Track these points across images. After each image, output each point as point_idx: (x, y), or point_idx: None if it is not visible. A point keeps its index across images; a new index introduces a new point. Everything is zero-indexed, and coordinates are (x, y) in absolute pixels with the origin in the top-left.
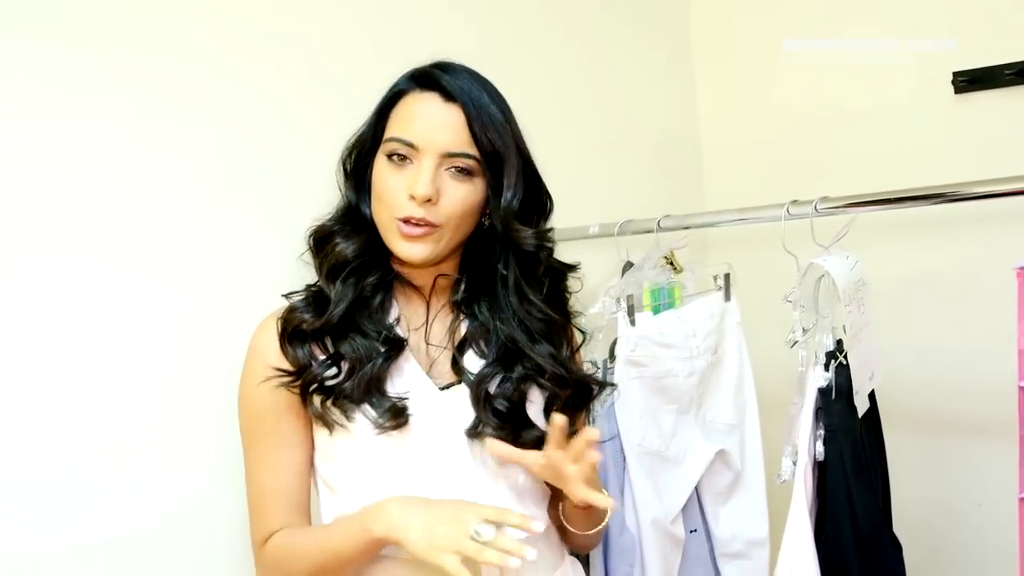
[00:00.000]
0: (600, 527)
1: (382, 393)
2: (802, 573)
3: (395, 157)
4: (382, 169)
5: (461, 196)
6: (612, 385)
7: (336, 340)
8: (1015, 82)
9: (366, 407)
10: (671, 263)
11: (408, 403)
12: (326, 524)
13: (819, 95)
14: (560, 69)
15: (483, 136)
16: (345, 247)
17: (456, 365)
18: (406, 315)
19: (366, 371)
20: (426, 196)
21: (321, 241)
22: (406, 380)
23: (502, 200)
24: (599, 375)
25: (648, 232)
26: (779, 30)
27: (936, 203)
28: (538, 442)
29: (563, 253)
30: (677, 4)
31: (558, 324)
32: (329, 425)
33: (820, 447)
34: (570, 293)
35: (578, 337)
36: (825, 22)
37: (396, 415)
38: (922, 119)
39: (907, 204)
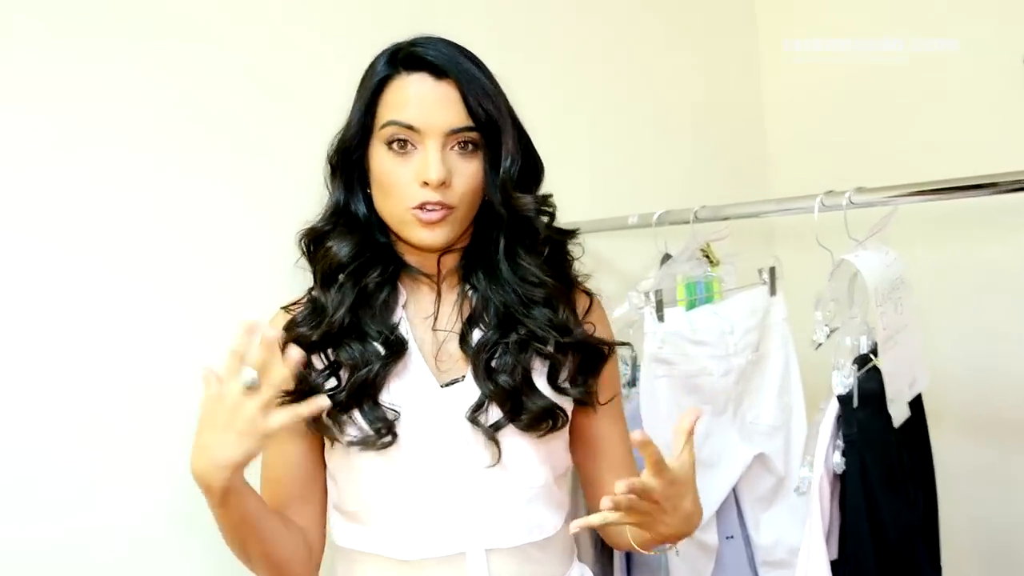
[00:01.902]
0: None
1: (375, 402)
2: None
3: (396, 144)
4: (384, 159)
5: (470, 173)
6: (625, 344)
7: (335, 348)
8: None
9: (356, 416)
10: (707, 256)
11: (401, 412)
12: None
13: (886, 77)
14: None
15: (479, 108)
16: (339, 249)
17: (464, 342)
18: (414, 305)
19: (359, 377)
20: (441, 179)
21: (313, 245)
22: (409, 380)
23: (501, 170)
24: (628, 374)
25: (686, 223)
26: (844, 14)
27: (981, 194)
28: (545, 412)
29: (601, 244)
30: None
31: (559, 290)
32: (327, 435)
33: (838, 458)
34: (572, 259)
35: (584, 301)
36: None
37: (383, 432)
38: (993, 102)
39: (948, 196)
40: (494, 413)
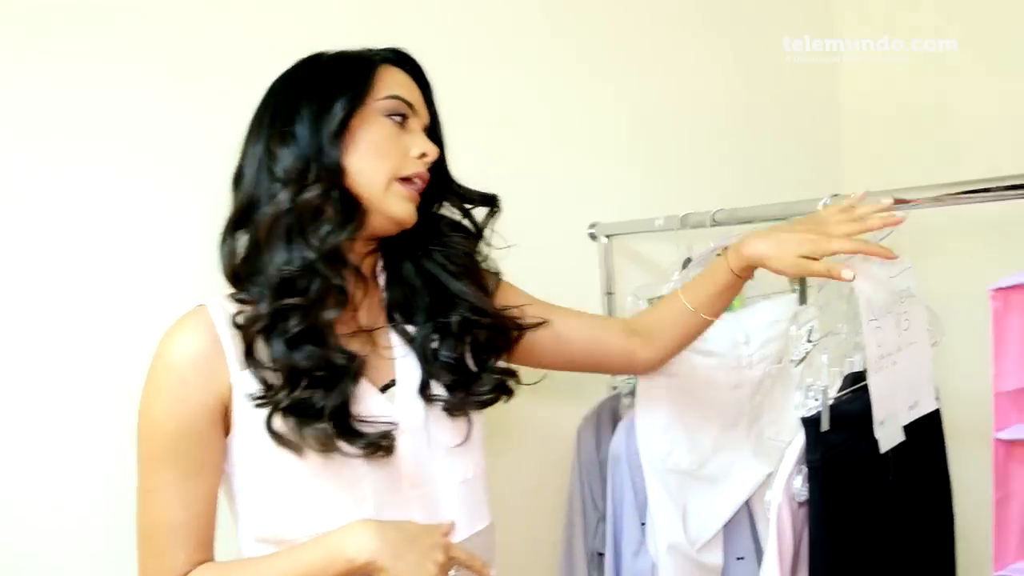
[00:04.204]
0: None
1: (351, 416)
2: None
3: (396, 116)
4: (385, 126)
5: (438, 155)
6: (535, 326)
7: (295, 351)
8: None
9: (332, 429)
10: None
11: (390, 428)
12: (275, 554)
13: (965, 82)
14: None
15: (436, 115)
16: (338, 231)
17: (402, 333)
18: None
19: (335, 399)
20: (437, 154)
21: (298, 222)
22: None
23: (446, 169)
24: (632, 382)
25: (703, 227)
26: (922, 16)
27: (995, 199)
28: (496, 387)
29: (639, 245)
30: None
31: (477, 272)
32: (295, 447)
33: (799, 484)
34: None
35: (493, 281)
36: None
37: (378, 446)
38: None
39: (967, 199)
40: (443, 393)
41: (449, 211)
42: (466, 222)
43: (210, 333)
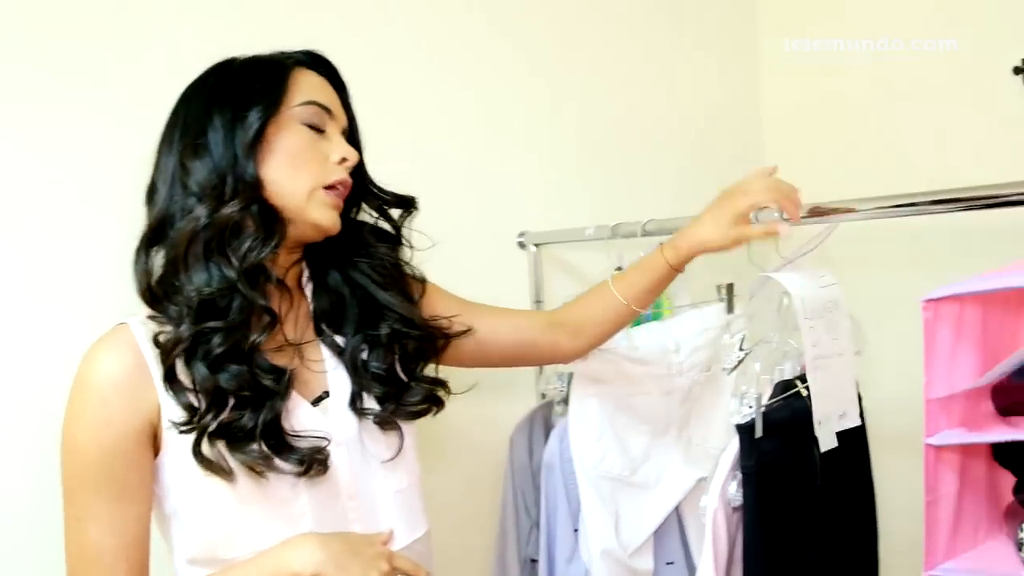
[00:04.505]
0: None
1: (284, 435)
2: None
3: (313, 122)
4: (303, 134)
5: (358, 160)
6: (461, 334)
7: (218, 373)
8: None
9: (265, 450)
10: None
11: (322, 443)
12: (216, 573)
13: (886, 90)
14: (609, 58)
15: (353, 116)
16: (260, 247)
17: (331, 345)
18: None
19: (265, 415)
20: (357, 159)
21: (218, 239)
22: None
23: (365, 171)
24: (563, 391)
25: (634, 236)
26: (845, 26)
27: (928, 212)
28: (427, 397)
29: (567, 255)
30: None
31: (403, 280)
32: (225, 473)
33: (734, 490)
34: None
35: (418, 287)
36: (888, 18)
37: (312, 463)
38: (989, 112)
39: (896, 213)
40: (374, 406)
41: (368, 213)
42: (385, 224)
43: (133, 352)
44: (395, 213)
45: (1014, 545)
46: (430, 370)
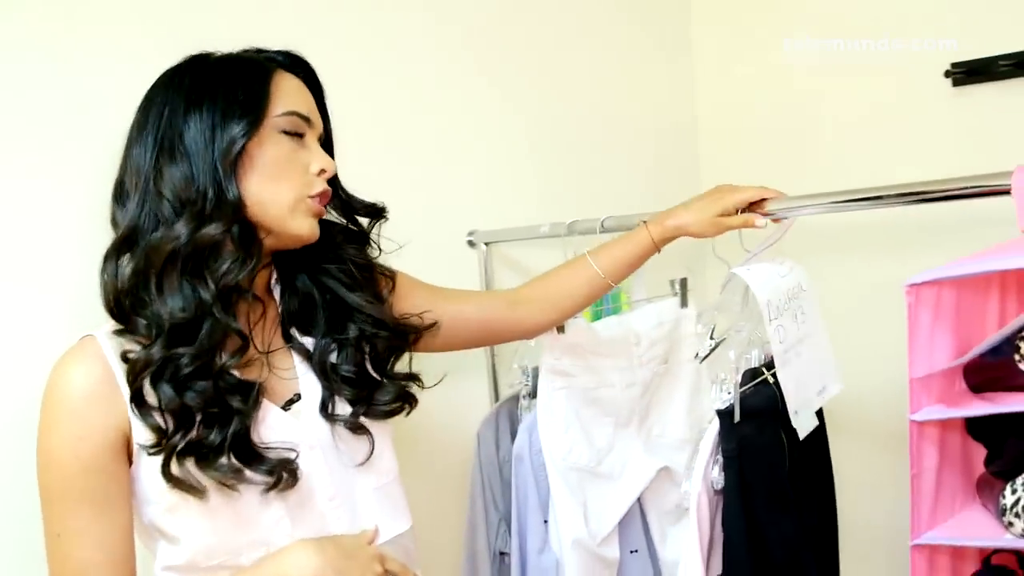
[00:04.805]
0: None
1: (252, 445)
2: None
3: (293, 134)
4: (284, 145)
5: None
6: (430, 327)
7: (185, 392)
8: (1012, 74)
9: (232, 464)
10: None
11: (290, 455)
12: None
13: (818, 91)
14: (549, 63)
15: (328, 117)
16: (239, 268)
17: (299, 349)
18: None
19: (233, 427)
20: (335, 170)
21: (195, 259)
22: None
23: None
24: (529, 384)
25: (592, 233)
26: (778, 29)
27: (877, 206)
28: (400, 395)
29: (533, 252)
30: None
31: (372, 279)
32: (197, 491)
33: (717, 473)
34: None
35: (387, 283)
36: (824, 21)
37: (281, 475)
38: (920, 113)
39: (846, 207)
40: (346, 409)
41: (335, 217)
42: (351, 227)
43: (102, 365)
44: (364, 221)
45: (993, 512)
46: (403, 362)
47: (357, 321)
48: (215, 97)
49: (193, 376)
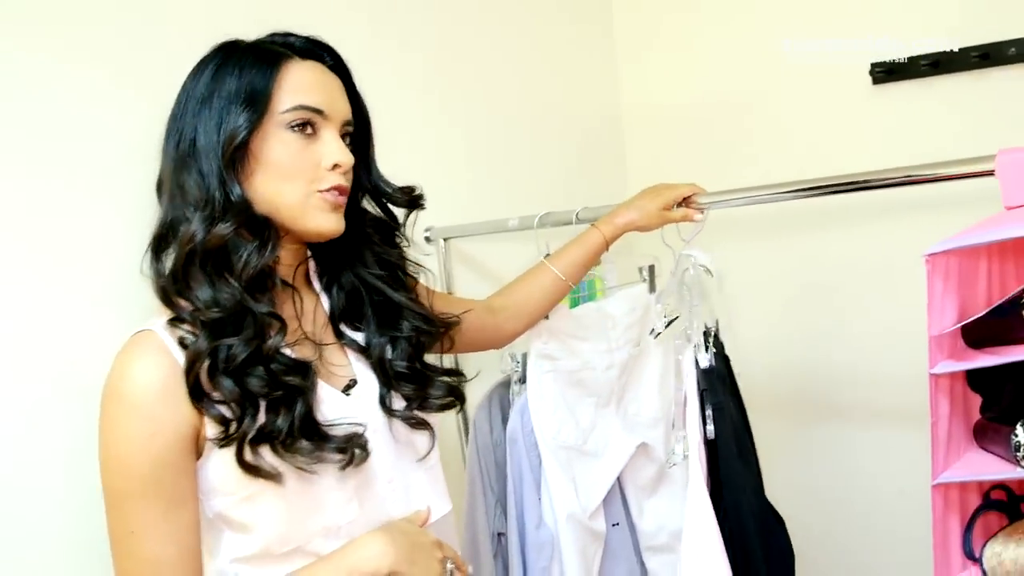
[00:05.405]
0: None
1: (319, 425)
2: (707, 548)
3: (301, 128)
4: (289, 143)
5: (353, 164)
6: (455, 323)
7: (245, 379)
8: (929, 72)
9: (309, 446)
10: None
11: (358, 429)
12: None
13: (741, 86)
14: (482, 59)
15: (360, 103)
16: (258, 256)
17: (351, 344)
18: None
19: (299, 410)
20: (352, 163)
21: (215, 255)
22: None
23: (372, 162)
24: (520, 370)
25: (567, 224)
26: (699, 23)
27: (794, 197)
28: (450, 391)
29: (485, 247)
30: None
31: (407, 277)
32: (274, 476)
33: (711, 426)
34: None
35: (420, 275)
36: (746, 18)
37: (354, 451)
38: (842, 109)
39: (767, 199)
40: (400, 404)
41: (370, 206)
42: (383, 219)
43: (168, 358)
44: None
45: (995, 452)
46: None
47: (408, 318)
48: (221, 94)
49: (248, 363)
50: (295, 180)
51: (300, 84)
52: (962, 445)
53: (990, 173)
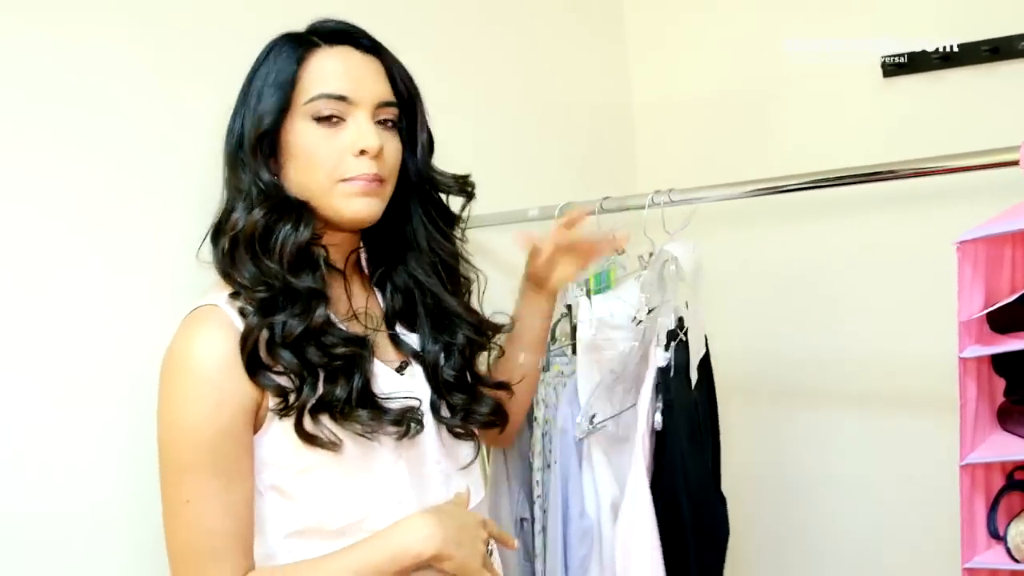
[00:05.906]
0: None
1: (375, 396)
2: (640, 520)
3: (324, 118)
4: (311, 133)
5: (395, 147)
6: (503, 326)
7: (303, 350)
8: (940, 66)
9: (367, 415)
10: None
11: (414, 403)
12: (328, 557)
13: (752, 81)
14: (493, 51)
15: (401, 84)
16: (300, 232)
17: (396, 342)
18: (333, 302)
19: (356, 381)
20: (379, 148)
21: (259, 239)
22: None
23: (419, 146)
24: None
25: (591, 214)
26: (710, 20)
27: (780, 191)
28: (494, 410)
29: (502, 237)
30: None
31: (460, 271)
32: (333, 445)
33: (659, 418)
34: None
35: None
36: (756, 13)
37: (410, 423)
38: (853, 103)
39: (759, 193)
40: (447, 413)
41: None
42: (434, 212)
43: (232, 331)
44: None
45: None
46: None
47: (461, 327)
48: (254, 88)
49: (305, 336)
50: (318, 170)
51: (322, 72)
52: (987, 428)
53: (1014, 163)
